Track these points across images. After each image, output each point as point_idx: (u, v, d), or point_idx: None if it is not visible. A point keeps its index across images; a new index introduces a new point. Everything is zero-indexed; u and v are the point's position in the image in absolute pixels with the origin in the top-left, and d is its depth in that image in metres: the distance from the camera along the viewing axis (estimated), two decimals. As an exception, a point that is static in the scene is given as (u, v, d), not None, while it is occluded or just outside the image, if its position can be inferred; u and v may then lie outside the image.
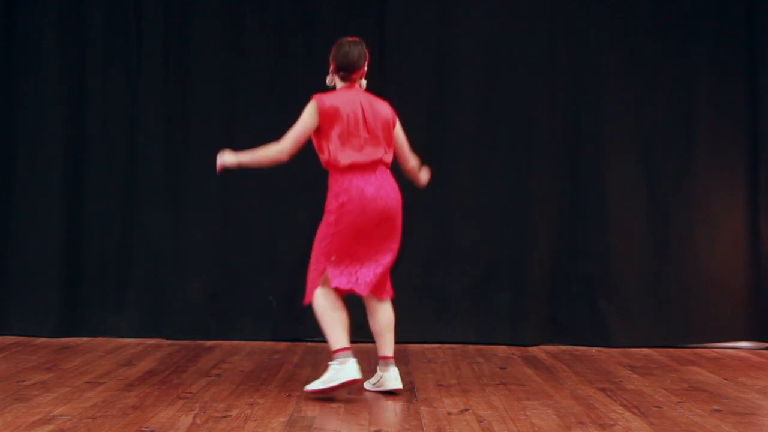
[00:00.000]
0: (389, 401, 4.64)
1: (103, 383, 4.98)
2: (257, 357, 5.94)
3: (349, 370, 4.58)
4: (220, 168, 4.73)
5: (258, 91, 6.70)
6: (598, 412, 4.45)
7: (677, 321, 6.62)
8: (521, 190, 6.69)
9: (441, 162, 6.62)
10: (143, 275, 6.73)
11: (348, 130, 4.69)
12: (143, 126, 6.76)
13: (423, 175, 5.11)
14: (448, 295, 6.70)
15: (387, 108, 4.85)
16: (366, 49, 4.81)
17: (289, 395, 4.73)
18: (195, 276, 6.68)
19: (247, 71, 6.75)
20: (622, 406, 4.59)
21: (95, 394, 4.71)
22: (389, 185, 4.75)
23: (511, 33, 6.73)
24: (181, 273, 6.68)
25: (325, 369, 4.72)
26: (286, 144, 4.69)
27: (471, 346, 6.49)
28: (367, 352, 5.64)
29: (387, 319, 4.84)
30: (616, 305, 6.63)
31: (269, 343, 6.47)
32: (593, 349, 6.42)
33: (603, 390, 4.98)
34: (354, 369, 4.59)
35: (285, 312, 6.59)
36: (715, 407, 4.59)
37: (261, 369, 5.50)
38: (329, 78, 4.85)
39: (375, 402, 4.62)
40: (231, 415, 4.28)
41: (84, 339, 6.54)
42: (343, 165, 4.67)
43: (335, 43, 4.82)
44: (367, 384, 4.87)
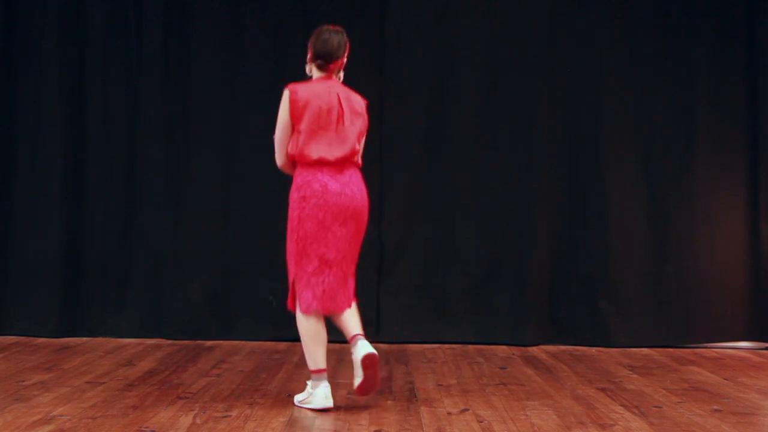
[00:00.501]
0: (389, 401, 4.64)
1: (103, 383, 4.98)
2: (257, 357, 5.94)
3: (318, 398, 4.40)
4: None
5: (258, 91, 6.69)
6: (598, 412, 4.44)
7: (677, 321, 6.62)
8: (521, 190, 6.68)
9: (441, 162, 6.64)
10: (143, 275, 6.72)
11: (318, 122, 4.43)
12: (143, 126, 6.76)
13: None
14: (448, 295, 6.69)
15: (362, 104, 4.60)
16: (347, 39, 4.54)
17: (289, 395, 4.72)
18: (195, 276, 6.68)
19: (247, 71, 6.75)
20: (622, 406, 4.59)
21: (95, 394, 4.70)
22: (356, 185, 4.48)
23: (511, 33, 6.73)
24: (181, 273, 6.68)
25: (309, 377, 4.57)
26: (279, 159, 4.54)
27: (471, 346, 6.48)
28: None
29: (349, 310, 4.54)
30: (616, 305, 6.63)
31: (269, 343, 6.46)
32: (593, 349, 6.42)
33: (603, 390, 4.98)
34: (322, 397, 4.40)
35: (285, 312, 6.55)
36: (715, 407, 4.59)
37: (261, 369, 5.50)
38: (307, 67, 4.58)
39: (375, 402, 4.61)
40: (231, 415, 4.28)
41: (84, 339, 6.54)
42: (311, 160, 4.41)
43: (315, 30, 4.58)
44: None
